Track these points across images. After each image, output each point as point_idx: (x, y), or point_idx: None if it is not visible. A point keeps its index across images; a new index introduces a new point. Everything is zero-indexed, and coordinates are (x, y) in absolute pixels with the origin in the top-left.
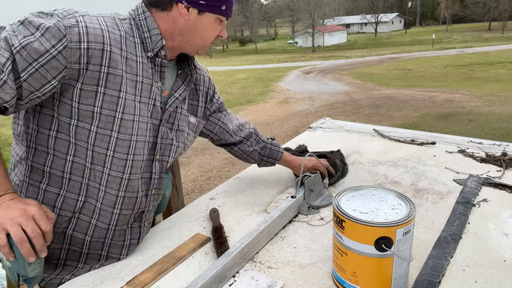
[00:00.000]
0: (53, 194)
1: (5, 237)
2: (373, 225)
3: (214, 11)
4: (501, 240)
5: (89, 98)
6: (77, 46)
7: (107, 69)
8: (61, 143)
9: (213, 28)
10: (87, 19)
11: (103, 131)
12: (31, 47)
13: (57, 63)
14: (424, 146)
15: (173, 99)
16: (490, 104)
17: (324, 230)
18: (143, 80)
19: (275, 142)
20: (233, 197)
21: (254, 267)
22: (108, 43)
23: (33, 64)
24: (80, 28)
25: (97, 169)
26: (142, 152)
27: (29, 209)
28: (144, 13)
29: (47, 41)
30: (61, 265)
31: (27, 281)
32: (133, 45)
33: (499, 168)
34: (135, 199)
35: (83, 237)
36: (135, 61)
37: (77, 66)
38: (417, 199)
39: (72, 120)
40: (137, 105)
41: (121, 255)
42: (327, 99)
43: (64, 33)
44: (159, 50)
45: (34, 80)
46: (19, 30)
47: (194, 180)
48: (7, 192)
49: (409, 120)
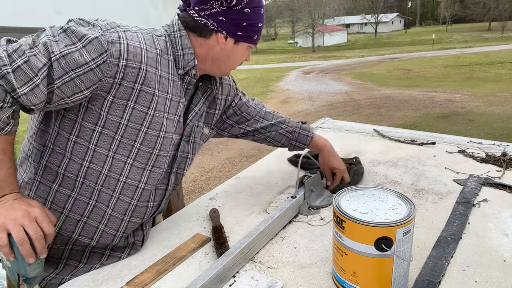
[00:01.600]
0: (64, 195)
1: (6, 237)
2: (373, 225)
3: (248, 40)
4: (501, 240)
5: (118, 110)
6: (116, 62)
7: (140, 86)
8: (79, 148)
9: (243, 55)
10: (128, 35)
11: (126, 140)
12: (71, 57)
13: (93, 76)
14: (424, 146)
15: (193, 113)
16: (490, 104)
17: (324, 230)
18: (172, 97)
19: (304, 126)
20: (233, 197)
21: (254, 267)
22: (145, 62)
23: (70, 73)
24: (121, 45)
25: (113, 177)
26: (162, 166)
27: (32, 210)
28: (180, 31)
29: (87, 53)
30: (62, 264)
31: (27, 281)
32: (166, 63)
33: (499, 168)
34: (146, 208)
35: (88, 241)
36: (167, 79)
37: (111, 80)
38: (417, 199)
39: (97, 127)
40: (164, 122)
41: (122, 254)
42: (327, 99)
43: (106, 48)
44: (190, 69)
45: (67, 88)
46: (61, 37)
47: (194, 180)
48: (12, 191)
49: (409, 120)
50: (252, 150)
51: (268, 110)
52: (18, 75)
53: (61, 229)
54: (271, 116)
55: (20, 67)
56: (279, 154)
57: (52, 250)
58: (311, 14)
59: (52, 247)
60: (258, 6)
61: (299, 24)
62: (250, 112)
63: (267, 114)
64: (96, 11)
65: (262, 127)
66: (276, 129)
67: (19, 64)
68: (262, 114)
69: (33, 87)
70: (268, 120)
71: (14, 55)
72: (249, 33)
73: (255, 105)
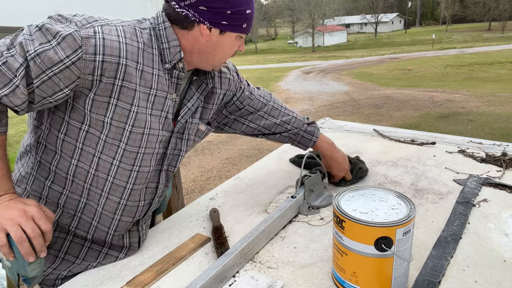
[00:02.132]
0: (57, 192)
1: (5, 237)
2: (373, 225)
3: (235, 30)
4: (501, 240)
5: (100, 108)
6: (92, 58)
7: (121, 82)
8: (67, 146)
9: (233, 46)
10: (105, 29)
11: (111, 140)
12: (46, 55)
13: (70, 73)
14: (424, 146)
15: (186, 109)
16: (490, 104)
17: (324, 230)
18: (157, 93)
19: (309, 128)
20: (233, 197)
21: (254, 267)
22: (124, 56)
23: (47, 72)
24: (96, 40)
25: (100, 176)
26: (149, 163)
27: (29, 209)
28: (164, 23)
29: (62, 50)
30: (60, 258)
31: (27, 281)
32: (150, 57)
33: (499, 168)
34: (137, 207)
35: (85, 235)
36: (150, 74)
37: (90, 77)
38: (417, 199)
39: (84, 126)
40: (148, 118)
41: (120, 254)
42: (327, 99)
43: (80, 44)
44: (177, 62)
45: (47, 87)
46: (36, 35)
47: (194, 180)
48: (7, 192)
49: (409, 120)
50: (252, 150)
51: (276, 106)
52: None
53: (59, 221)
54: (277, 113)
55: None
56: (279, 154)
57: (52, 238)
58: (311, 14)
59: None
60: None
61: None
62: (254, 104)
63: (273, 110)
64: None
65: (266, 127)
66: (280, 130)
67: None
68: (268, 110)
69: (13, 88)
70: (273, 117)
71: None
72: (235, 22)
73: (261, 97)
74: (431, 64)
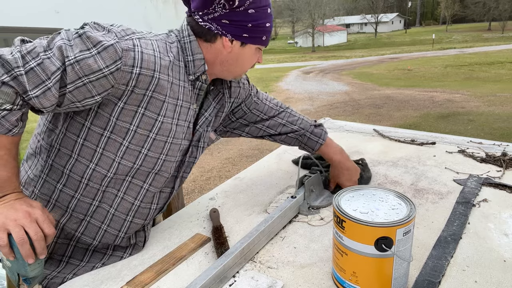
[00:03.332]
0: (68, 195)
1: (6, 237)
2: (373, 225)
3: (255, 42)
4: (501, 240)
5: (127, 116)
6: (130, 70)
7: (151, 93)
8: (86, 150)
9: (253, 57)
10: (143, 43)
11: (134, 147)
12: (85, 63)
13: (106, 82)
14: (424, 146)
15: (203, 119)
16: (490, 104)
17: (324, 230)
18: (183, 104)
19: (316, 130)
20: (233, 197)
21: (254, 267)
22: (158, 69)
23: (83, 78)
24: (136, 53)
25: (119, 178)
26: (168, 170)
27: (33, 211)
28: (189, 37)
29: (102, 59)
30: (64, 262)
31: (27, 281)
32: (178, 69)
33: (499, 168)
34: (149, 210)
35: (91, 241)
36: (177, 85)
37: (123, 87)
38: (417, 199)
39: (105, 132)
40: (173, 128)
41: (124, 254)
42: (327, 99)
43: (120, 55)
44: (201, 74)
45: (79, 92)
46: (76, 42)
47: (194, 180)
48: (14, 191)
49: (409, 120)
50: (252, 150)
51: (282, 107)
52: (30, 77)
53: (65, 226)
54: (283, 114)
55: (34, 69)
56: (279, 154)
57: (56, 245)
58: (311, 14)
59: (56, 241)
60: (263, 5)
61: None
62: (260, 108)
63: (279, 111)
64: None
65: (271, 127)
66: (286, 131)
67: (33, 66)
68: (274, 112)
69: (45, 89)
70: (279, 118)
71: (28, 57)
72: (256, 34)
73: (267, 100)
74: (431, 64)
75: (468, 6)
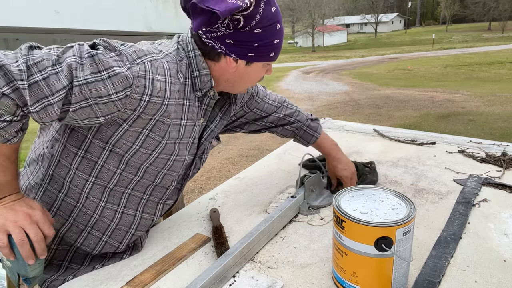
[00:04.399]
0: (70, 205)
1: (6, 239)
2: (373, 225)
3: (262, 59)
4: (501, 240)
5: (131, 137)
6: (139, 98)
7: (158, 117)
8: (86, 163)
9: (260, 73)
10: (154, 68)
11: (135, 161)
12: (94, 86)
13: (112, 106)
14: (424, 146)
15: (209, 131)
16: (490, 104)
17: (324, 230)
18: (187, 122)
19: (313, 124)
20: (233, 197)
21: (254, 267)
22: (168, 96)
23: (89, 100)
24: (147, 81)
25: (118, 190)
26: (169, 183)
27: (34, 213)
28: (194, 51)
29: (112, 85)
30: (64, 267)
31: (27, 281)
32: (183, 88)
33: (499, 168)
34: (151, 221)
35: (90, 250)
36: (182, 105)
37: (130, 112)
38: (417, 199)
39: (108, 145)
40: (176, 147)
41: (124, 255)
42: (327, 99)
43: (131, 83)
44: (208, 90)
45: (83, 112)
46: (87, 62)
47: (194, 180)
48: (13, 192)
49: (409, 120)
50: (252, 150)
51: (279, 101)
52: (33, 90)
53: (65, 236)
54: (281, 108)
55: (38, 83)
56: (279, 154)
57: (56, 251)
58: (311, 14)
59: (57, 248)
60: (271, 23)
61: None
62: (260, 107)
63: (277, 107)
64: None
65: (270, 122)
66: (283, 123)
67: (37, 80)
68: (273, 109)
69: (46, 105)
70: (277, 113)
71: (34, 69)
72: (262, 53)
73: (266, 99)
74: (431, 64)
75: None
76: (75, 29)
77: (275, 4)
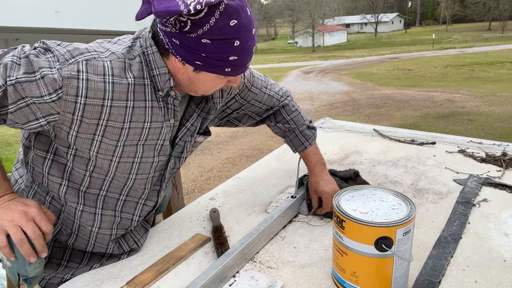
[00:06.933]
0: (57, 209)
1: (5, 239)
2: (373, 225)
3: (213, 72)
4: (501, 240)
5: (85, 144)
6: (73, 100)
7: (106, 122)
8: (57, 166)
9: (215, 83)
10: (90, 67)
11: (100, 165)
12: (27, 86)
13: (49, 108)
14: (424, 146)
15: (184, 130)
16: (490, 104)
17: (324, 230)
18: (151, 125)
19: (306, 132)
20: (233, 197)
21: (254, 267)
22: (109, 97)
23: (26, 99)
24: (79, 81)
25: (92, 193)
26: (142, 186)
27: (29, 210)
28: (151, 47)
29: (45, 86)
30: (63, 266)
31: (27, 281)
32: (142, 89)
33: (499, 168)
34: (131, 221)
35: (84, 248)
36: (143, 107)
37: (70, 116)
38: (417, 199)
39: (70, 150)
40: (139, 149)
41: (123, 255)
42: (327, 99)
43: (60, 84)
44: (169, 90)
45: (21, 114)
46: (23, 62)
47: (194, 180)
48: (6, 193)
49: (409, 120)
50: (252, 150)
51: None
52: None
53: (57, 237)
54: (283, 103)
55: None
56: (279, 154)
57: (53, 249)
58: (311, 14)
59: (53, 246)
60: (226, 38)
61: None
62: (258, 98)
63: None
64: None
65: (268, 117)
66: (279, 119)
67: None
68: (274, 103)
69: None
70: (277, 106)
71: None
72: (212, 66)
73: (266, 90)
74: (431, 64)
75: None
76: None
77: (241, 20)
